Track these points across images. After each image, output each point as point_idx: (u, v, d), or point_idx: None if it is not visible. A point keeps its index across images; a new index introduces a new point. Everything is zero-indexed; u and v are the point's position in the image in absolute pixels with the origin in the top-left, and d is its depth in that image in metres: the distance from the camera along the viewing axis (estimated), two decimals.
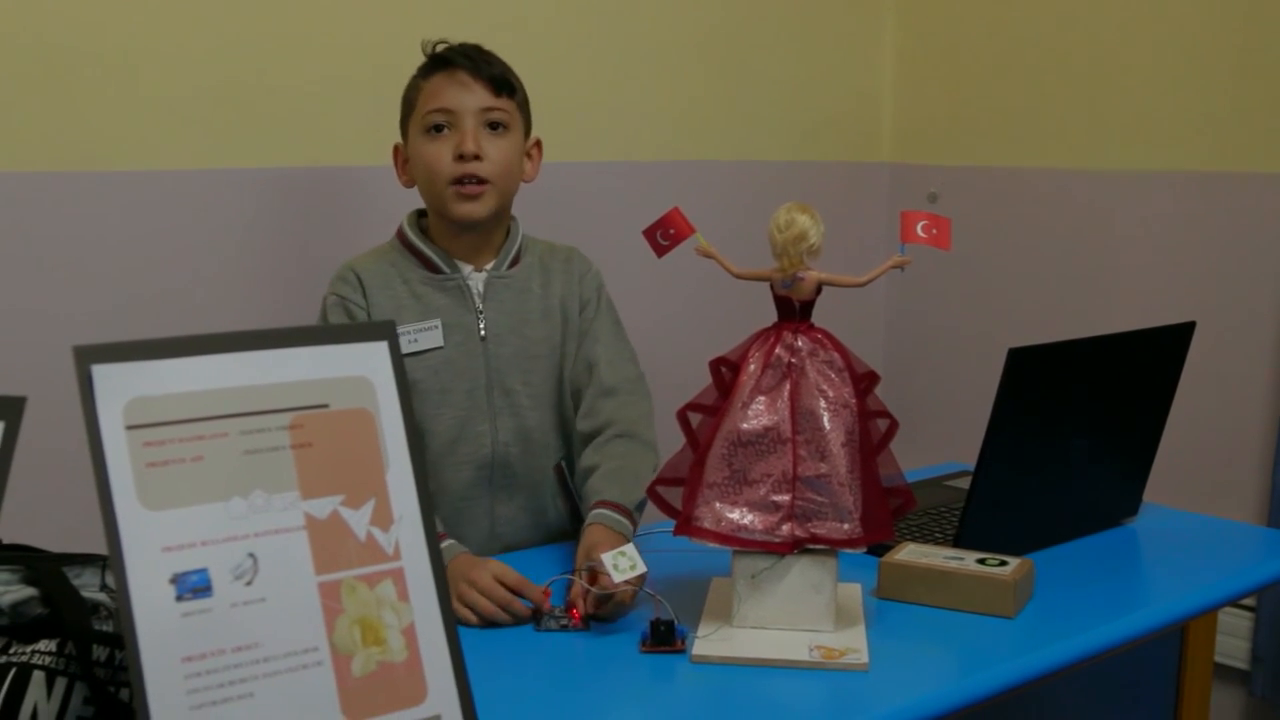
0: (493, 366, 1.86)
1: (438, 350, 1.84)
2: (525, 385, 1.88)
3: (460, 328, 1.85)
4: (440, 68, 1.86)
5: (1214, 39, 2.62)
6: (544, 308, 1.91)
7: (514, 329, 1.88)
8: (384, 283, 1.86)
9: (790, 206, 1.45)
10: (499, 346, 1.87)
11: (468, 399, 1.85)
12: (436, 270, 1.87)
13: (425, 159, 1.84)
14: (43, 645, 1.15)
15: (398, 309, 1.84)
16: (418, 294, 1.85)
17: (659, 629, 1.44)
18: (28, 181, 2.03)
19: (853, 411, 1.45)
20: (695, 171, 2.82)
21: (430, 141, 1.84)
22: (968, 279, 3.03)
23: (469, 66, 1.85)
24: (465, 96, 1.84)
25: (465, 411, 1.85)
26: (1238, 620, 2.59)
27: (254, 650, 0.99)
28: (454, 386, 1.85)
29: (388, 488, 1.07)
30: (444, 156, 1.82)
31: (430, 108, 1.84)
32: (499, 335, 1.87)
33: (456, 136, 1.83)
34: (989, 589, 1.55)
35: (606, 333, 1.94)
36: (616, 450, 1.82)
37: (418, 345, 1.83)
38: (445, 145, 1.83)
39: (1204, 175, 2.65)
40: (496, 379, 1.86)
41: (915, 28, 3.15)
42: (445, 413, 1.85)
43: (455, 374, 1.85)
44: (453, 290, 1.86)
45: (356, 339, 1.08)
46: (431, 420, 1.84)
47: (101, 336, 1.00)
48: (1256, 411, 2.59)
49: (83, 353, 0.96)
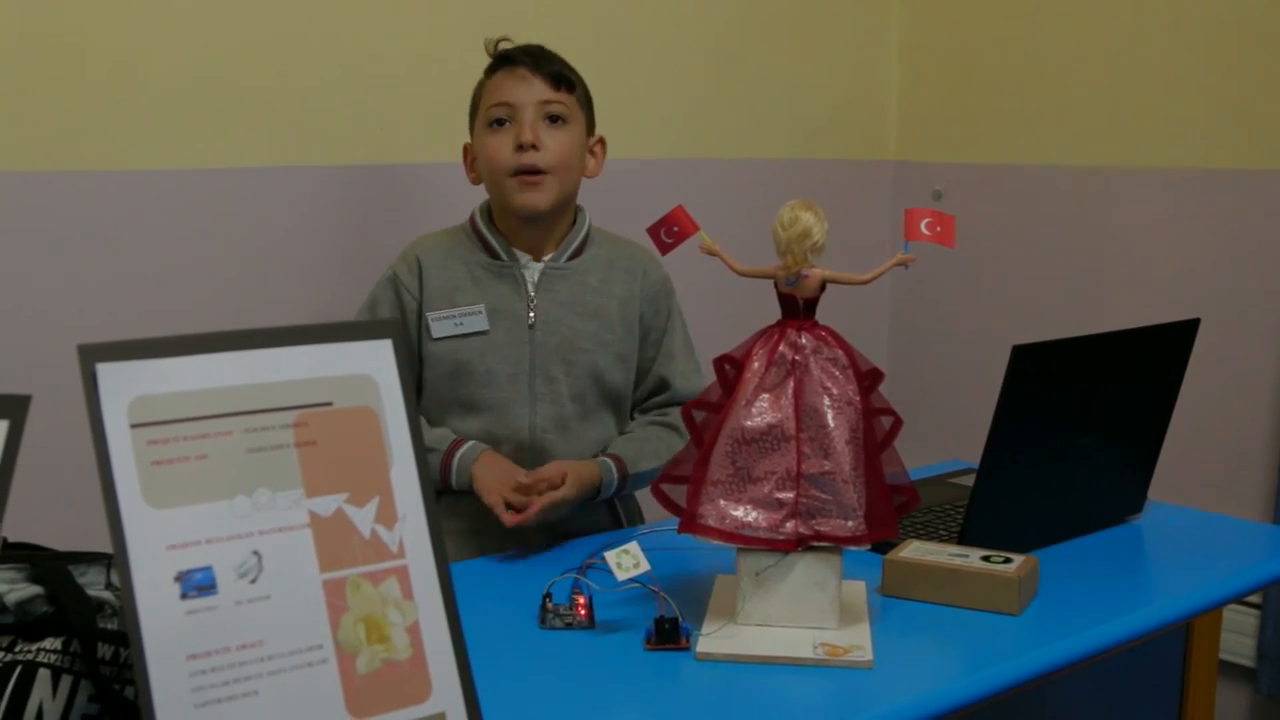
0: (537, 354, 1.93)
1: (485, 334, 1.92)
2: (567, 375, 1.95)
3: (510, 314, 1.93)
4: (502, 65, 1.94)
5: (1220, 35, 2.61)
6: (599, 304, 1.97)
7: (563, 319, 1.95)
8: (443, 263, 1.94)
9: (794, 204, 1.45)
10: (546, 335, 1.94)
11: (510, 383, 1.93)
12: (496, 257, 1.95)
13: (487, 152, 1.92)
14: (48, 643, 1.16)
15: (452, 290, 1.93)
16: (475, 277, 1.94)
17: (663, 627, 1.44)
18: (32, 180, 2.04)
19: (857, 409, 1.45)
20: (699, 169, 2.82)
21: (492, 135, 1.92)
22: (972, 276, 3.03)
23: (529, 63, 1.92)
24: (524, 90, 1.91)
25: (507, 394, 1.93)
26: (1244, 618, 2.58)
27: (259, 648, 0.99)
28: (498, 370, 1.92)
29: (392, 485, 1.07)
30: (504, 148, 1.90)
31: (492, 102, 1.92)
32: (547, 324, 1.94)
33: (516, 128, 1.90)
34: (993, 586, 1.55)
35: (680, 350, 2.04)
36: (651, 430, 1.99)
37: (462, 328, 1.92)
38: (506, 138, 1.90)
39: (1210, 172, 2.64)
40: (540, 366, 1.93)
41: (920, 26, 3.14)
42: (488, 393, 1.92)
43: (500, 358, 1.92)
44: (508, 278, 1.94)
45: (360, 337, 1.08)
46: (477, 399, 1.93)
47: (106, 335, 1.00)
48: (1262, 408, 2.58)
49: (87, 351, 0.97)
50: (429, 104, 2.40)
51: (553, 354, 1.93)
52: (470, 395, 1.92)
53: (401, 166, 2.40)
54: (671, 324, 2.04)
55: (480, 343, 1.91)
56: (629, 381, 2.01)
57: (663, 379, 2.02)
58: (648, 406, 2.04)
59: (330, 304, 2.31)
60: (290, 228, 2.29)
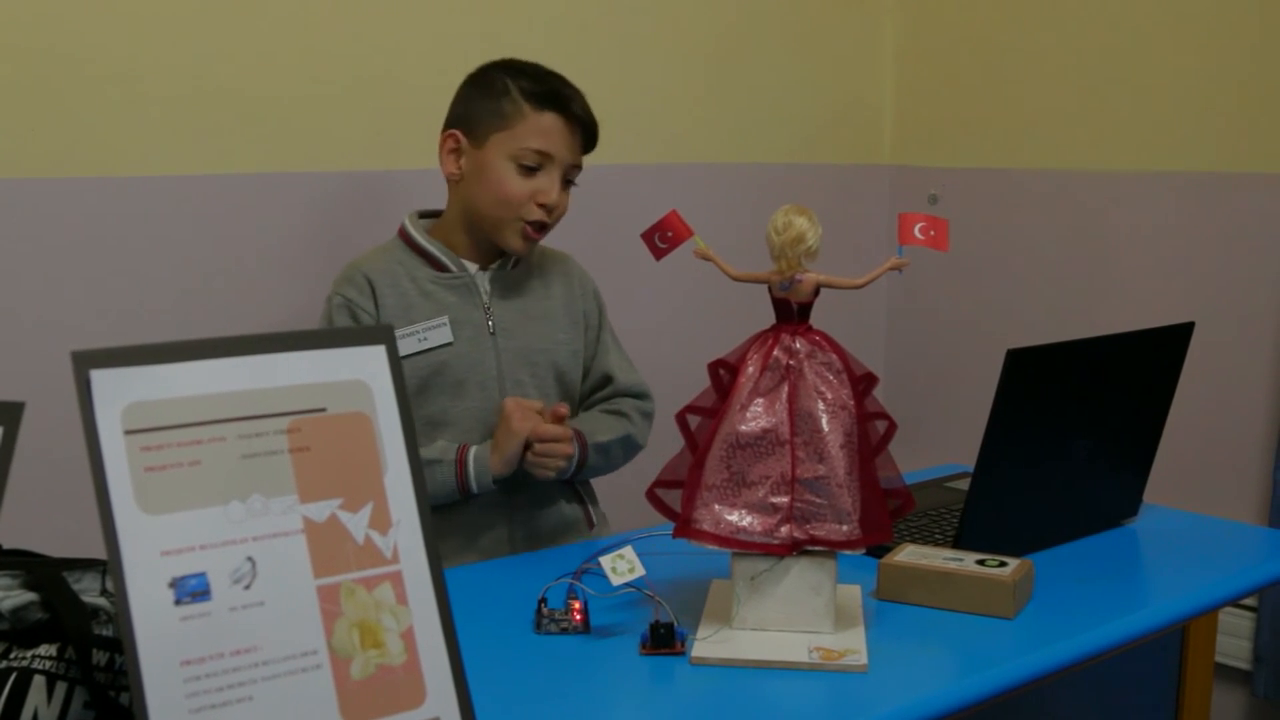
0: (503, 360, 1.94)
1: (449, 346, 1.91)
2: (533, 378, 1.97)
3: (469, 324, 1.93)
4: (554, 106, 1.90)
5: (1213, 40, 2.62)
6: (544, 307, 2.00)
7: (519, 325, 1.96)
8: (392, 281, 1.92)
9: (788, 209, 1.46)
10: (507, 340, 1.95)
11: (481, 391, 1.93)
12: (443, 269, 1.94)
13: (507, 190, 1.89)
14: (43, 650, 1.15)
15: (407, 307, 1.91)
16: (426, 292, 1.92)
17: (658, 631, 1.44)
18: (25, 188, 2.04)
19: (851, 413, 1.45)
20: (694, 174, 2.83)
21: (518, 175, 1.89)
22: (968, 280, 3.03)
23: (575, 120, 1.91)
24: (565, 147, 1.91)
25: (480, 403, 1.93)
26: (1239, 621, 2.59)
27: (253, 654, 0.99)
28: (468, 379, 1.92)
29: (386, 491, 1.07)
30: (526, 194, 1.89)
31: (533, 145, 1.88)
32: (506, 330, 1.95)
33: (544, 181, 1.89)
34: (988, 590, 1.55)
35: (612, 345, 2.08)
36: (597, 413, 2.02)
37: (428, 343, 1.90)
38: (530, 185, 1.89)
39: (1203, 176, 2.65)
40: (508, 371, 1.94)
41: (915, 30, 3.15)
42: (461, 404, 1.92)
43: (468, 368, 1.92)
44: (460, 288, 1.94)
45: (354, 343, 1.08)
46: (448, 413, 1.92)
47: (100, 342, 1.00)
48: (1256, 411, 2.59)
49: (81, 358, 0.97)
50: (425, 110, 2.40)
51: (517, 358, 1.95)
52: (440, 410, 1.92)
53: (397, 173, 2.40)
54: (604, 320, 2.08)
55: (445, 355, 1.91)
56: (580, 378, 2.05)
57: (605, 374, 2.06)
58: (592, 402, 2.07)
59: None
60: (287, 234, 2.29)
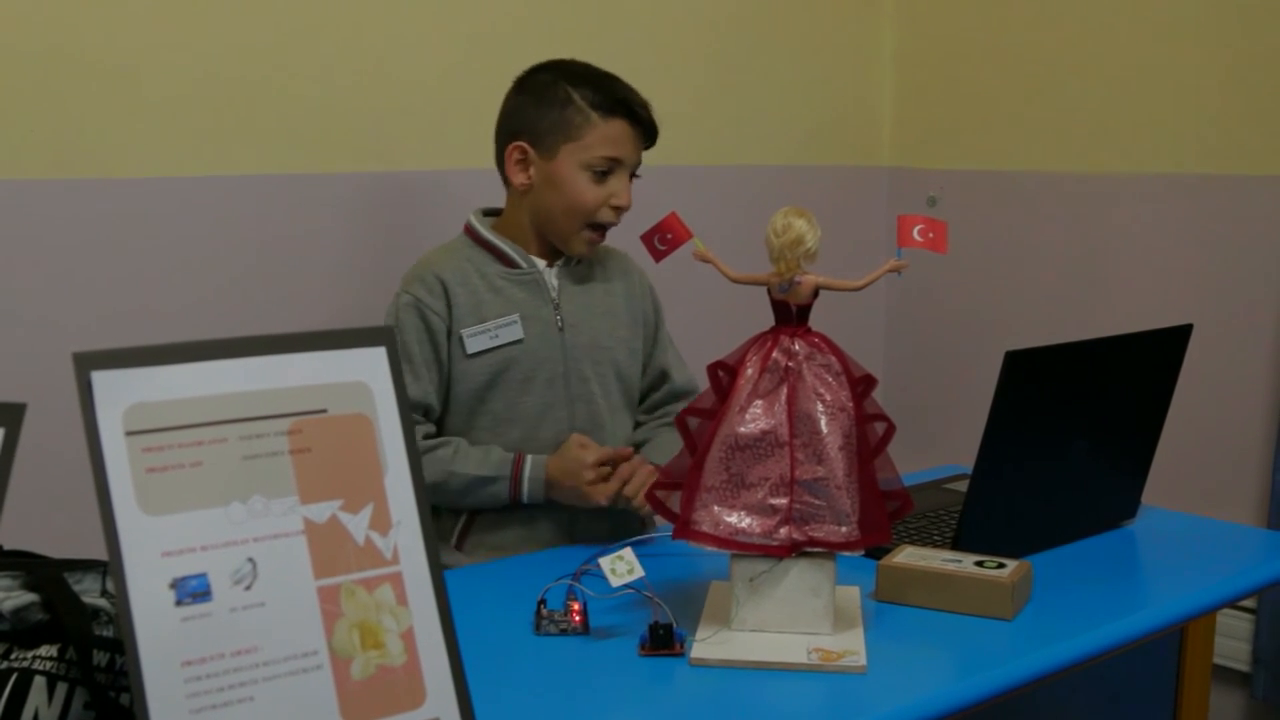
0: (570, 356, 1.98)
1: (519, 343, 1.95)
2: (597, 374, 2.00)
3: (538, 319, 1.97)
4: (623, 114, 1.94)
5: (1211, 43, 2.62)
6: (608, 304, 2.04)
7: (586, 321, 2.00)
8: (463, 279, 1.95)
9: (787, 211, 1.46)
10: (574, 336, 1.98)
11: (548, 387, 1.96)
12: (512, 264, 1.97)
13: (582, 197, 1.93)
14: (44, 650, 1.16)
15: (478, 304, 1.95)
16: (496, 288, 1.96)
17: (658, 632, 1.44)
18: (29, 189, 2.04)
19: (850, 415, 1.46)
20: (693, 176, 2.83)
21: (591, 181, 1.93)
22: (966, 282, 3.03)
23: (637, 122, 1.95)
24: (633, 152, 1.96)
25: (546, 399, 1.96)
26: (1238, 622, 2.59)
27: (253, 654, 0.99)
28: (535, 375, 1.96)
29: (386, 492, 1.07)
30: (600, 200, 1.94)
31: (605, 153, 1.93)
32: (574, 326, 1.99)
33: (615, 185, 1.94)
34: (987, 591, 1.55)
35: (669, 342, 2.14)
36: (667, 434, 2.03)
37: (498, 340, 1.94)
38: (603, 190, 1.94)
39: (1201, 178, 2.65)
40: (574, 367, 1.98)
41: (914, 33, 3.15)
42: (528, 400, 1.96)
43: (536, 363, 1.96)
44: (529, 284, 1.98)
45: (354, 344, 1.09)
46: (515, 408, 1.96)
47: (102, 343, 1.01)
48: (1255, 413, 2.59)
49: (82, 359, 0.97)
50: (429, 111, 2.40)
51: (583, 355, 1.99)
52: (505, 406, 1.95)
53: (401, 174, 2.40)
54: (660, 317, 2.13)
55: (515, 351, 1.94)
56: (639, 375, 2.08)
57: (662, 370, 2.10)
58: (651, 403, 2.11)
59: (329, 312, 2.31)
60: (289, 236, 2.30)
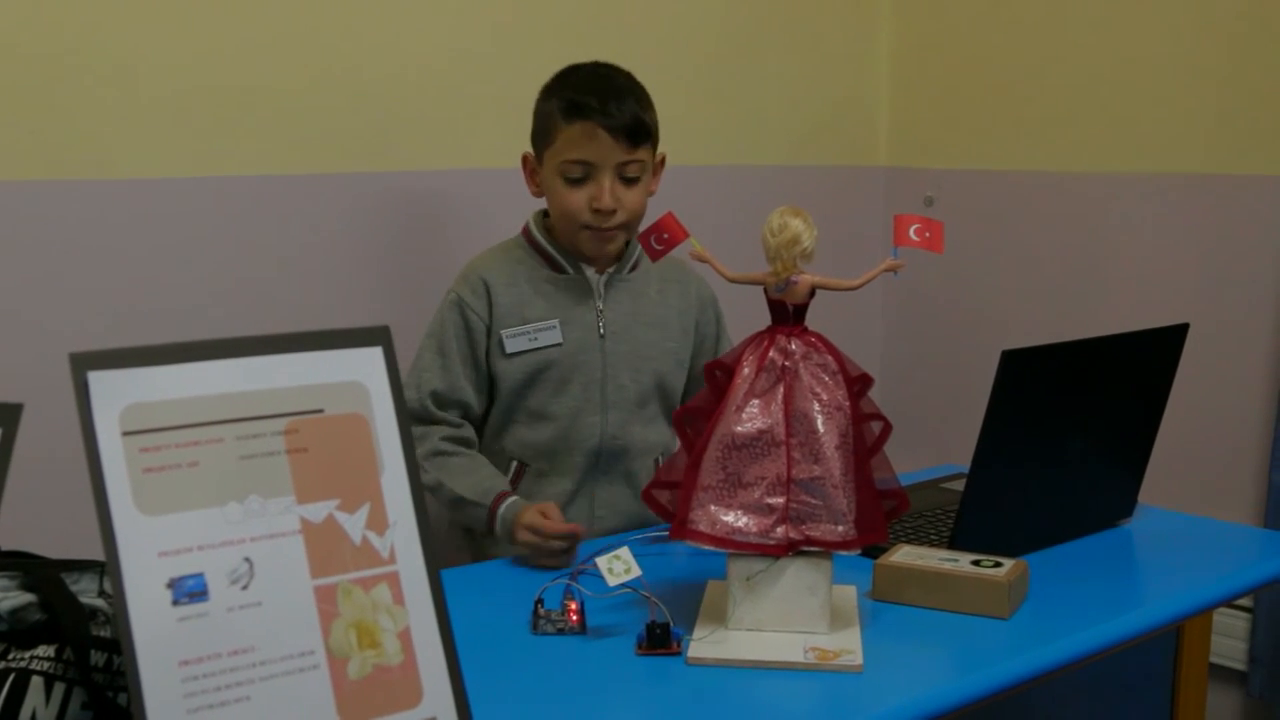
0: (609, 363, 1.97)
1: (558, 346, 1.95)
2: (634, 382, 2.00)
3: (581, 324, 1.96)
4: (580, 115, 1.89)
5: (1207, 42, 2.62)
6: (659, 315, 2.03)
7: (629, 329, 1.99)
8: (510, 280, 1.95)
9: (783, 210, 1.46)
10: (615, 344, 1.98)
11: (583, 392, 1.96)
12: (560, 269, 1.97)
13: (563, 203, 1.92)
14: (41, 651, 1.16)
15: (523, 305, 1.95)
16: (542, 291, 1.96)
17: (655, 631, 1.44)
18: (26, 190, 2.04)
19: (846, 414, 1.46)
20: (690, 176, 2.82)
21: (567, 188, 1.91)
22: (963, 282, 3.04)
23: (604, 121, 1.88)
24: (603, 152, 1.89)
25: (580, 403, 1.96)
26: (1235, 621, 2.59)
27: (250, 654, 0.99)
28: (572, 379, 1.96)
29: (383, 492, 1.07)
30: (581, 204, 1.91)
31: (568, 158, 1.90)
32: (615, 334, 1.98)
33: (594, 188, 1.90)
34: (983, 590, 1.56)
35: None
36: None
37: (537, 343, 1.94)
38: (582, 194, 1.91)
39: (1197, 178, 2.65)
40: (611, 374, 1.97)
41: (911, 32, 3.15)
42: (562, 402, 1.96)
43: (573, 367, 1.96)
44: (575, 289, 1.97)
45: (351, 345, 1.09)
46: (549, 408, 1.96)
47: (99, 344, 1.01)
48: (1251, 413, 2.59)
49: (79, 359, 0.97)
50: (426, 111, 2.40)
51: (622, 362, 1.98)
52: (541, 405, 1.96)
53: (399, 174, 2.40)
54: (723, 329, 2.12)
55: (554, 354, 1.95)
56: (683, 385, 2.08)
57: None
58: None
59: (326, 312, 2.31)
60: (286, 236, 2.29)
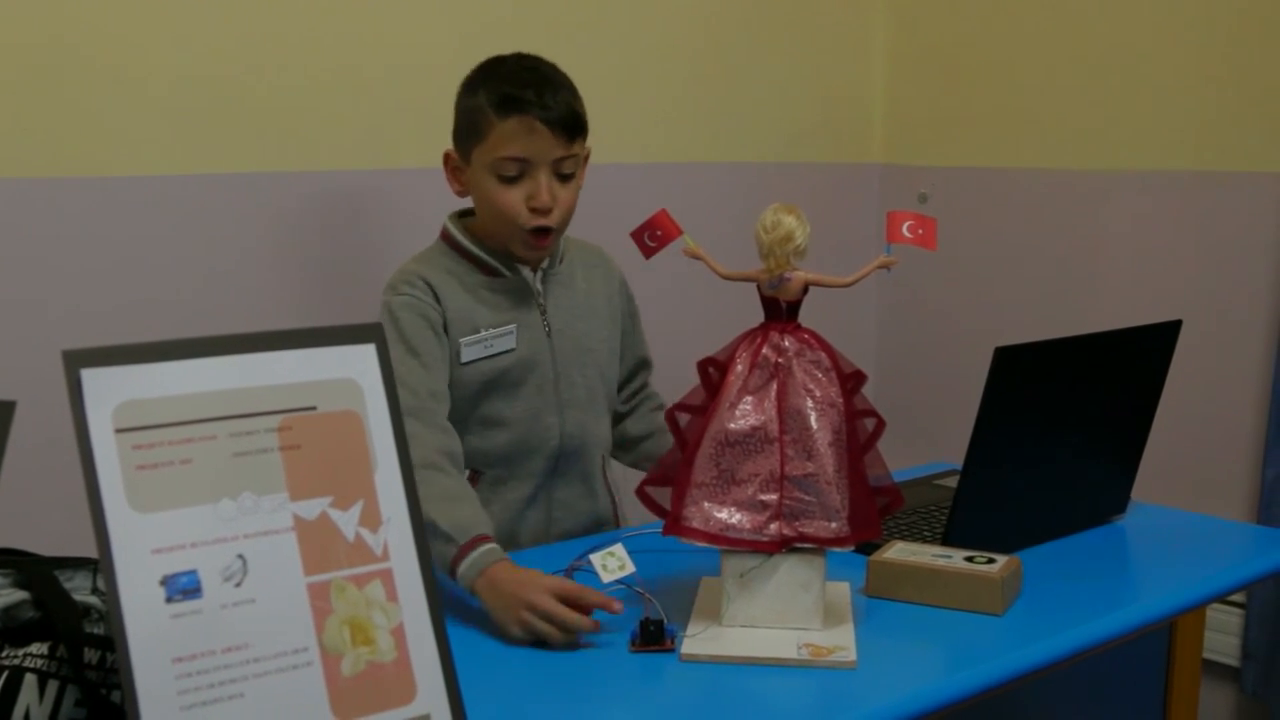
0: (558, 360, 1.94)
1: (511, 351, 1.90)
2: (583, 378, 1.97)
3: (528, 325, 1.92)
4: (515, 109, 1.82)
5: (1200, 40, 2.63)
6: (590, 304, 2.00)
7: (570, 324, 1.96)
8: (451, 290, 1.88)
9: (776, 207, 1.46)
10: (561, 341, 1.95)
11: (538, 393, 1.93)
12: (495, 273, 1.91)
13: (497, 203, 1.84)
14: (35, 648, 1.16)
15: (470, 312, 1.88)
16: (483, 298, 1.90)
17: (648, 628, 1.44)
18: (20, 187, 2.04)
19: (839, 411, 1.46)
20: (683, 173, 2.83)
21: (502, 187, 1.83)
22: (957, 279, 3.04)
23: (542, 114, 1.82)
24: (540, 147, 1.82)
25: (536, 405, 1.92)
26: (1228, 617, 2.60)
27: (244, 651, 0.99)
28: (526, 380, 1.92)
29: (376, 489, 1.07)
30: (517, 204, 1.83)
31: (504, 154, 1.82)
32: (560, 330, 1.95)
33: (530, 185, 1.83)
34: (977, 586, 1.56)
35: (643, 333, 2.11)
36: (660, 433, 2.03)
37: (493, 349, 1.89)
38: (518, 192, 1.84)
39: (1190, 175, 2.66)
40: (562, 372, 1.94)
41: (906, 29, 3.15)
42: (518, 405, 1.92)
43: (526, 369, 1.92)
44: (515, 291, 1.92)
45: (344, 341, 1.09)
46: (505, 413, 1.91)
47: (93, 341, 1.01)
48: (1244, 409, 2.60)
49: (72, 357, 0.97)
50: (420, 110, 2.40)
51: (570, 358, 1.95)
52: (495, 411, 1.90)
53: (393, 173, 2.40)
54: (634, 307, 2.09)
55: (508, 360, 1.90)
56: (616, 375, 2.06)
57: (642, 358, 2.10)
58: (631, 390, 2.10)
59: (318, 309, 2.31)
60: (282, 234, 2.29)
